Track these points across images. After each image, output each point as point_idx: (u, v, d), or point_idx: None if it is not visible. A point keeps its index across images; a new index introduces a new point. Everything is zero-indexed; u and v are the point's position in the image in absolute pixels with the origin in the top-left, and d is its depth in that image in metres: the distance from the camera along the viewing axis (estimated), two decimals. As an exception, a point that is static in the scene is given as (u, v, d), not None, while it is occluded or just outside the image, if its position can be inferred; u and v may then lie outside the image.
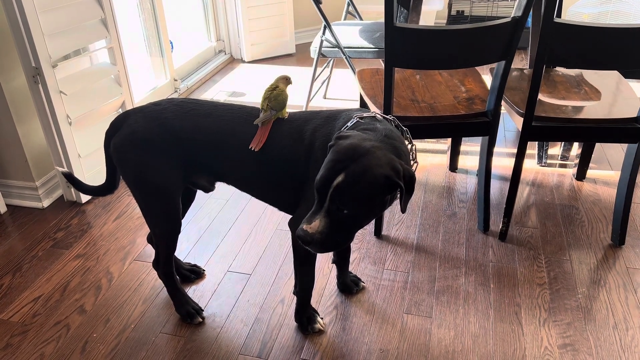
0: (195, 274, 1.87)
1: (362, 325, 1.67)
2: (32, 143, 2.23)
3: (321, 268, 1.90)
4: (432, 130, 1.92)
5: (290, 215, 1.53)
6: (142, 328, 1.67)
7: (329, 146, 1.27)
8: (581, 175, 2.43)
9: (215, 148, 1.45)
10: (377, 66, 3.42)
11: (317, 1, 2.78)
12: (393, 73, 1.76)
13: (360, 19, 3.29)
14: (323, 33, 2.86)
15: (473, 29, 1.67)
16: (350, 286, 1.79)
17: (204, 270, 1.90)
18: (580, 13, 3.59)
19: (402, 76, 2.24)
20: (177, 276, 1.71)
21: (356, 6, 3.28)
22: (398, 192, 1.24)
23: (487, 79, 2.19)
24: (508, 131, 2.89)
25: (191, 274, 1.86)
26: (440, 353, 1.57)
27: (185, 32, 4.07)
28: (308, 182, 1.40)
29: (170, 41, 3.35)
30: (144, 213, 1.57)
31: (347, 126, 1.35)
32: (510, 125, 2.96)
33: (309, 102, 3.11)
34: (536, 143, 2.61)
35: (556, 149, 2.66)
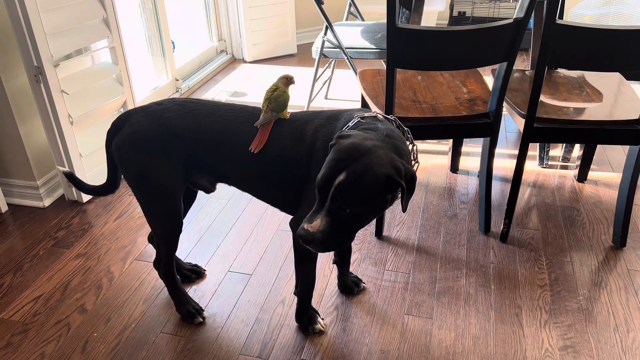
0: (196, 274, 1.87)
1: (363, 326, 1.67)
2: (34, 142, 2.23)
3: (322, 269, 1.90)
4: (434, 131, 1.92)
5: (291, 215, 1.53)
6: (143, 328, 1.67)
7: (330, 145, 1.27)
8: (582, 176, 2.43)
9: (217, 148, 1.45)
10: (379, 67, 3.42)
11: (319, 1, 2.78)
12: (395, 74, 1.76)
13: (362, 20, 3.29)
14: (325, 33, 2.86)
15: (475, 30, 1.67)
16: (351, 287, 1.79)
17: (205, 270, 1.90)
18: (581, 15, 3.59)
19: (404, 77, 2.24)
20: (178, 276, 1.71)
21: (358, 7, 3.28)
22: (399, 192, 1.24)
23: (489, 80, 2.19)
24: (509, 132, 2.89)
25: (192, 274, 1.86)
26: (440, 354, 1.57)
27: (187, 32, 4.08)
28: (309, 182, 1.40)
29: (172, 41, 3.35)
30: (145, 213, 1.56)
31: (349, 126, 1.35)
32: (511, 126, 2.95)
33: (310, 103, 3.11)
34: (537, 144, 2.61)
35: (557, 151, 2.66)
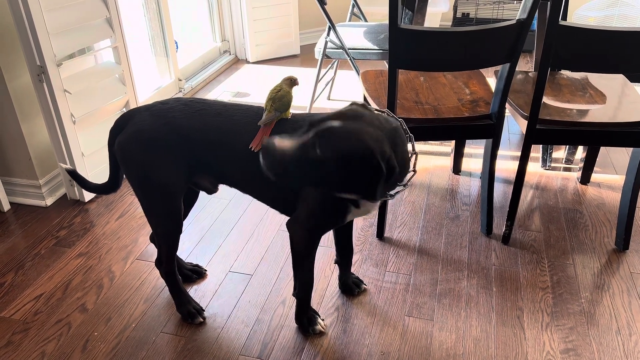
0: (196, 274, 1.87)
1: (363, 327, 1.67)
2: (36, 141, 2.23)
3: (323, 269, 1.90)
4: (436, 132, 1.91)
5: (289, 217, 1.53)
6: (143, 327, 1.67)
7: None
8: (585, 179, 2.42)
9: (223, 148, 1.44)
10: (382, 68, 3.42)
11: (322, 2, 2.78)
12: (397, 74, 1.75)
13: (365, 21, 3.29)
14: (328, 34, 2.86)
15: (478, 31, 1.66)
16: (351, 287, 1.79)
17: (206, 270, 1.90)
18: (586, 16, 3.58)
19: (406, 78, 2.23)
20: (179, 276, 1.71)
21: (361, 7, 3.28)
22: (360, 197, 1.25)
23: (492, 82, 2.18)
24: (512, 134, 2.88)
25: (193, 274, 1.86)
26: (441, 356, 1.56)
27: (190, 32, 4.08)
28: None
29: (175, 41, 3.36)
30: (146, 212, 1.56)
31: None
32: (514, 128, 2.95)
33: (313, 103, 3.11)
34: (540, 146, 2.60)
35: (560, 153, 2.65)
